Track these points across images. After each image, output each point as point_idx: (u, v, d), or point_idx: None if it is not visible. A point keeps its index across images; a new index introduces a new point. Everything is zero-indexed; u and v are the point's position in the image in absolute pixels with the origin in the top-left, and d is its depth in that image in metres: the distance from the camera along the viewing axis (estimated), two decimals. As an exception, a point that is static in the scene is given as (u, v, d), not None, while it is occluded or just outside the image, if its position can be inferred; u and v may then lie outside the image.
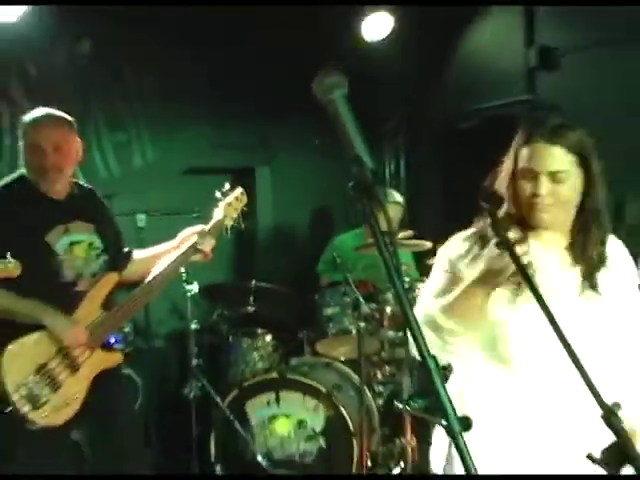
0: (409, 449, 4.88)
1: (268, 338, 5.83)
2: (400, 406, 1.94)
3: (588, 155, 2.63)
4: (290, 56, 5.97)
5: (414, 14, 6.65)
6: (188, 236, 4.20)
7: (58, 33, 6.20)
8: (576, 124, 2.63)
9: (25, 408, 3.84)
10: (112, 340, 5.92)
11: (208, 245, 4.20)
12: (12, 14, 5.67)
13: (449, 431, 1.76)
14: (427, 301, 2.71)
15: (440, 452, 2.80)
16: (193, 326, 5.76)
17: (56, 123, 4.12)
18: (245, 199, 4.42)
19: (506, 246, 2.24)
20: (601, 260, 2.70)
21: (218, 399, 5.42)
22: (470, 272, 2.59)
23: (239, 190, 4.38)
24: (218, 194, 4.34)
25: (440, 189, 7.40)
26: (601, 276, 2.67)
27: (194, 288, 5.65)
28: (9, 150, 6.03)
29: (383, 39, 6.74)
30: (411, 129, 7.44)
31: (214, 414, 5.50)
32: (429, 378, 1.80)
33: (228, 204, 4.29)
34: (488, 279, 2.48)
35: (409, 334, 1.85)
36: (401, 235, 5.63)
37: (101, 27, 6.24)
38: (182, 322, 5.98)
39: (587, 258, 2.67)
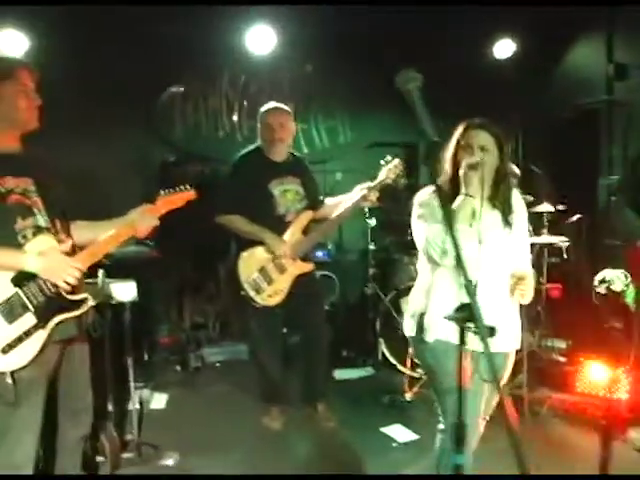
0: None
1: (420, 257, 5.64)
2: (447, 315, 1.88)
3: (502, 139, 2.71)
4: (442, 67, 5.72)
5: (531, 41, 6.29)
6: (360, 190, 4.09)
7: (294, 59, 6.31)
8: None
9: (252, 293, 4.01)
10: (321, 254, 6.00)
11: (373, 196, 4.08)
12: (267, 49, 5.85)
13: (480, 335, 1.62)
14: (427, 234, 2.68)
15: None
16: (371, 247, 5.69)
17: (280, 110, 4.18)
18: (401, 167, 4.15)
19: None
20: (510, 207, 2.75)
21: (383, 296, 5.33)
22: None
23: (397, 160, 4.15)
24: (382, 162, 4.15)
25: (548, 161, 6.97)
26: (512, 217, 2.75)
27: (373, 222, 5.57)
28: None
29: (509, 57, 6.35)
30: (529, 119, 6.98)
31: (380, 305, 5.42)
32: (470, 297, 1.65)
33: (388, 169, 4.12)
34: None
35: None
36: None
37: (319, 57, 6.32)
38: (365, 244, 5.87)
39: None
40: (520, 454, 1.54)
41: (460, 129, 2.73)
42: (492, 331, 1.65)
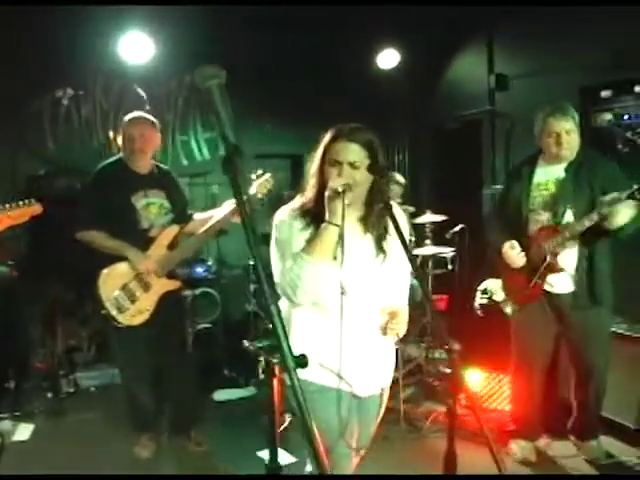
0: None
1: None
2: (246, 344, 1.66)
3: (377, 148, 2.30)
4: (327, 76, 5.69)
5: (415, 51, 6.36)
6: (230, 205, 3.86)
7: (172, 70, 6.17)
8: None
9: (114, 312, 3.83)
10: (200, 270, 5.79)
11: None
12: (144, 58, 5.69)
13: (284, 366, 1.45)
14: (281, 265, 2.31)
15: None
16: (251, 262, 5.49)
17: (142, 120, 4.00)
18: (272, 181, 3.95)
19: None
20: (385, 229, 2.40)
21: (261, 313, 5.19)
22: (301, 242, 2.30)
23: (268, 175, 3.93)
24: (253, 176, 3.91)
25: (432, 171, 7.08)
26: (387, 241, 2.40)
27: (253, 236, 5.38)
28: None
29: (393, 67, 6.41)
30: (413, 130, 7.07)
31: (258, 322, 5.32)
32: (271, 323, 1.48)
33: (259, 184, 3.89)
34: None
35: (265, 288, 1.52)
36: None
37: (198, 67, 6.06)
38: (246, 259, 5.72)
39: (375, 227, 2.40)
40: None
41: (327, 139, 2.33)
42: (302, 359, 1.47)
